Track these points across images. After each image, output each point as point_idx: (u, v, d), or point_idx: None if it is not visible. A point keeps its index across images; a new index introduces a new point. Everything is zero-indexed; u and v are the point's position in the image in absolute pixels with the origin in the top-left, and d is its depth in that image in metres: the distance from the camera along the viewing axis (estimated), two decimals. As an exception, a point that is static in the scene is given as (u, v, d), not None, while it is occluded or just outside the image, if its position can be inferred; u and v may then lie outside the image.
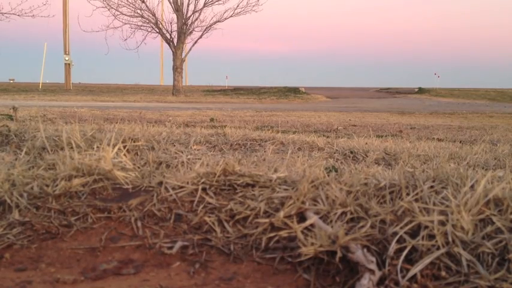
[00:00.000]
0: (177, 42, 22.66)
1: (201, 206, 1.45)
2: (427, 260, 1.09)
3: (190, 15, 22.49)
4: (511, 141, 4.02)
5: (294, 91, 26.08)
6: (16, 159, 1.84)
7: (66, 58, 28.22)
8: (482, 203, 1.24)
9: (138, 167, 1.75)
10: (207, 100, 19.42)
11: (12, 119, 4.32)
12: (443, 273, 1.08)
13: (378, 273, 1.07)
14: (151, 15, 22.16)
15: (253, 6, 22.32)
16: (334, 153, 2.82)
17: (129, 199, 1.49)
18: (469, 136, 4.58)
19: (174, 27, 22.60)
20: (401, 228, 1.19)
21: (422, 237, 1.15)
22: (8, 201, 1.43)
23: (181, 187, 1.52)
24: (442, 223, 1.17)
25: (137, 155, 2.05)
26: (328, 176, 1.57)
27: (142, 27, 22.28)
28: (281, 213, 1.34)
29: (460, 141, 3.97)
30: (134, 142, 2.24)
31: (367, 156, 2.70)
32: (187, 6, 22.45)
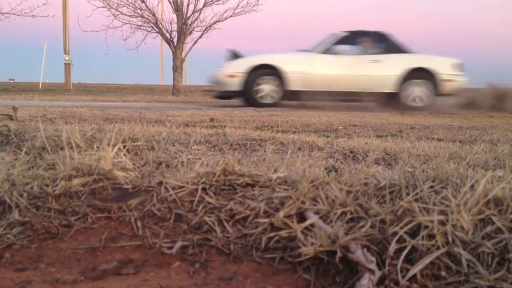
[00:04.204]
0: (177, 42, 22.62)
1: (201, 206, 1.45)
2: (427, 260, 1.09)
3: (190, 15, 22.44)
4: (511, 141, 4.02)
5: (294, 91, 26.02)
6: (16, 159, 1.84)
7: (66, 58, 28.15)
8: (482, 203, 1.24)
9: (138, 167, 1.75)
10: (207, 100, 19.41)
11: (12, 119, 4.32)
12: (443, 273, 1.08)
13: (378, 273, 1.07)
14: (151, 15, 22.12)
15: (253, 6, 22.21)
16: (334, 153, 2.81)
17: (129, 199, 1.49)
18: (469, 136, 4.58)
19: (174, 27, 22.53)
20: (401, 228, 1.19)
21: (422, 237, 1.15)
22: (8, 201, 1.43)
23: (181, 187, 1.52)
24: (442, 223, 1.17)
25: (137, 155, 2.05)
26: (328, 176, 1.57)
27: (142, 27, 22.22)
28: (281, 213, 1.34)
29: (460, 141, 3.96)
30: (134, 142, 2.24)
31: (367, 156, 2.69)
32: (187, 6, 22.40)
